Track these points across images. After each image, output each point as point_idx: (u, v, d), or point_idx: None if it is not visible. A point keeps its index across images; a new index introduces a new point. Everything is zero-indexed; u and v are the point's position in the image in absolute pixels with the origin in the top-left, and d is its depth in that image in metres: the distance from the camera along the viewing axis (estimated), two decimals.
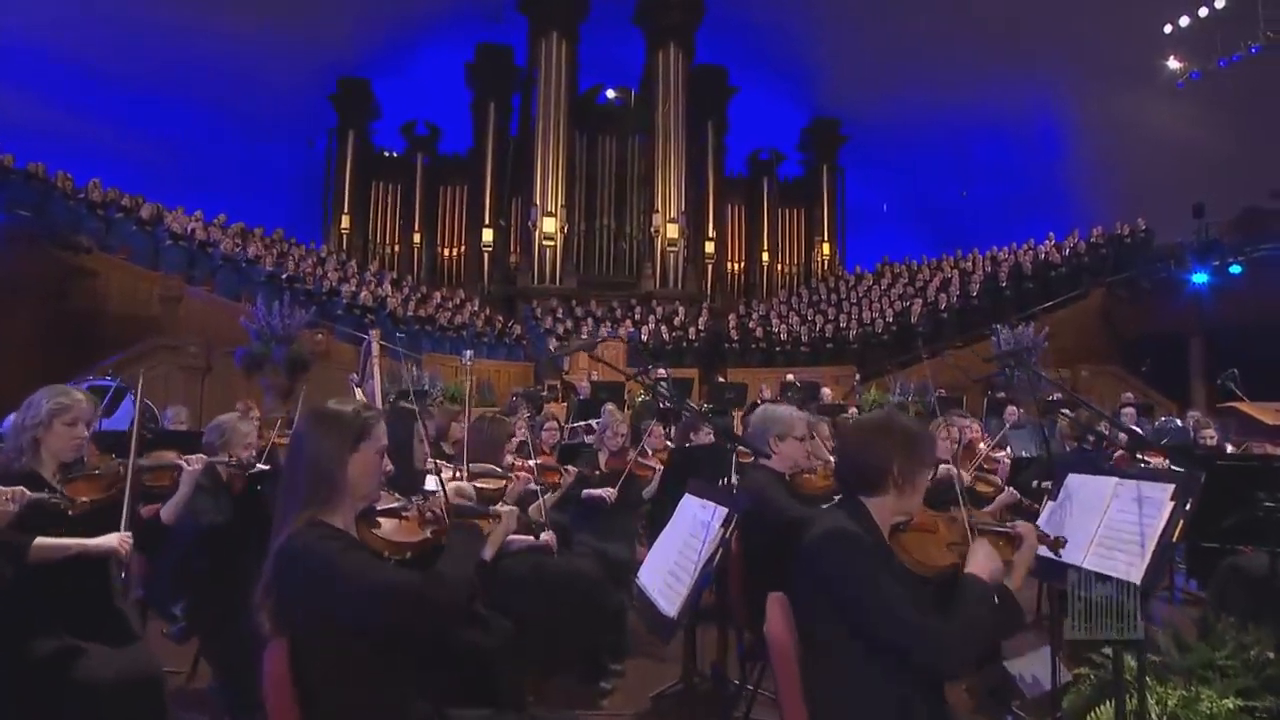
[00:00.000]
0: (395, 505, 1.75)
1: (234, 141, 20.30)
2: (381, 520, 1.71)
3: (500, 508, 1.89)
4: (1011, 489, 3.67)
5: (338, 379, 9.95)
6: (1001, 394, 11.44)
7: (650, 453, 4.43)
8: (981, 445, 5.38)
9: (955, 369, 12.88)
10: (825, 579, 1.58)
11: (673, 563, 2.06)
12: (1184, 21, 15.04)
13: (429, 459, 2.68)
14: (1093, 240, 15.44)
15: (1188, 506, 1.94)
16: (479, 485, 2.73)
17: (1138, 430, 5.42)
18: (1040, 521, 2.44)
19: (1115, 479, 2.21)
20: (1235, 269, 11.64)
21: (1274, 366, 11.60)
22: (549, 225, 18.09)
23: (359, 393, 8.24)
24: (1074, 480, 2.37)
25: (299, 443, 1.65)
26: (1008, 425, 8.47)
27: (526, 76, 19.91)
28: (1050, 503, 2.44)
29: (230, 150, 20.32)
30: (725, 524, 1.88)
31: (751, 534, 2.45)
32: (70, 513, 2.28)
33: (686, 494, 2.31)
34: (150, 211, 12.84)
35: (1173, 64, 15.67)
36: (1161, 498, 2.01)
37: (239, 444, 3.03)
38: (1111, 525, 2.12)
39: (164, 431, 4.94)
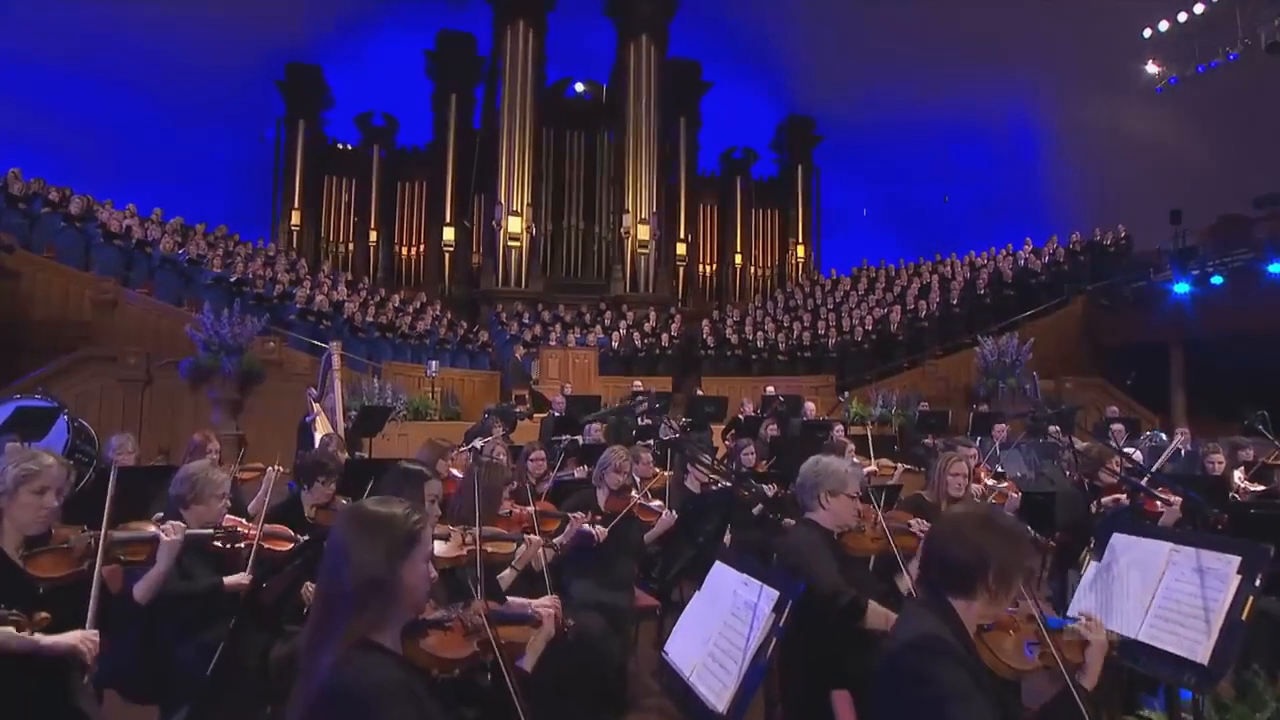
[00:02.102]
0: (439, 615, 1.64)
1: (169, 128, 19.64)
2: (429, 632, 1.61)
3: (541, 610, 1.79)
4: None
5: (292, 391, 9.66)
6: (985, 406, 11.67)
7: (648, 493, 4.28)
8: (983, 476, 5.42)
9: (939, 380, 13.12)
10: (915, 696, 1.51)
11: (712, 644, 1.97)
12: (1163, 26, 15.49)
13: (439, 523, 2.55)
14: (1073, 247, 15.79)
15: (1257, 582, 1.93)
16: (489, 550, 2.61)
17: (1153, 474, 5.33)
18: (1085, 583, 2.42)
19: (1169, 544, 2.19)
20: (1217, 279, 11.97)
21: (1252, 376, 12.05)
22: (514, 225, 17.88)
23: (316, 407, 8.05)
24: (1120, 541, 2.35)
25: (342, 549, 1.53)
26: (997, 444, 8.66)
27: (491, 67, 19.66)
28: (1094, 563, 2.42)
29: (165, 138, 19.65)
30: (778, 610, 1.80)
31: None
32: (40, 591, 2.11)
33: (719, 561, 2.22)
34: (80, 206, 12.20)
35: (1151, 69, 16.13)
36: (1225, 570, 1.99)
37: (212, 496, 2.84)
38: (1169, 595, 2.10)
39: (121, 473, 4.51)
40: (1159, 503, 3.68)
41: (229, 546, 2.78)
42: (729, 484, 3.98)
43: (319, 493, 3.52)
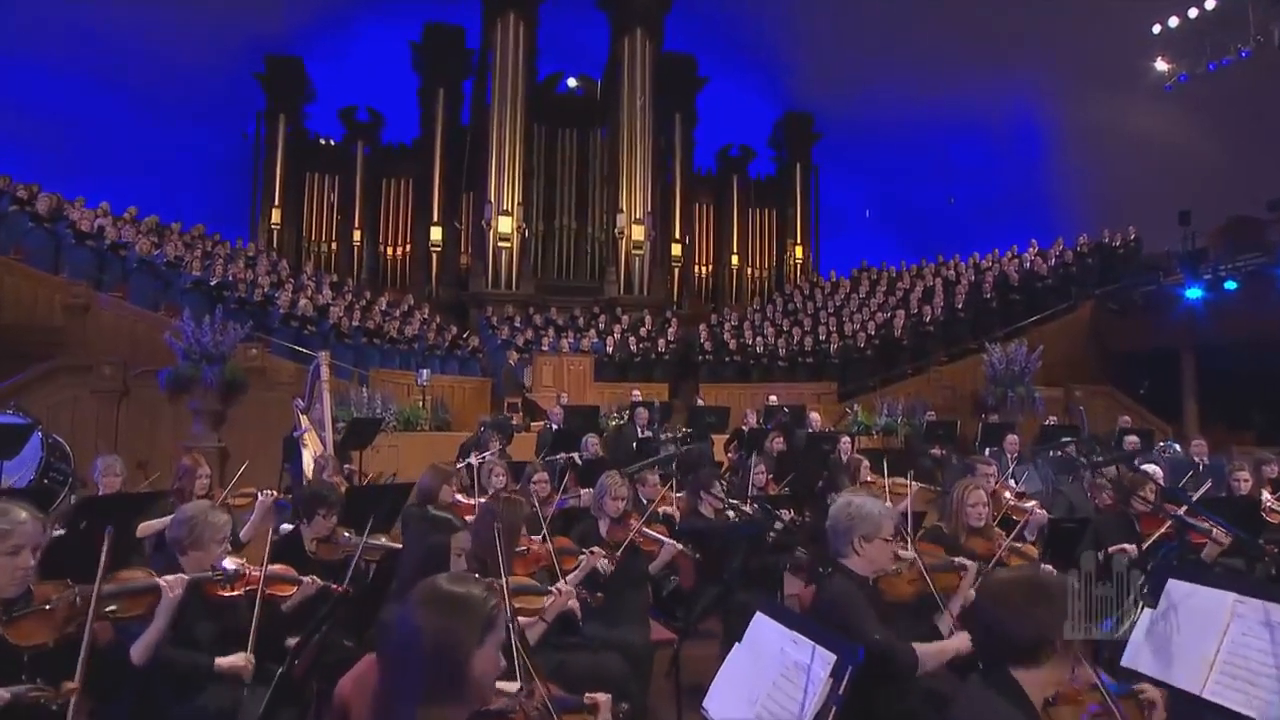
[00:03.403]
0: (502, 706, 1.58)
1: (142, 122, 19.42)
2: None
3: (598, 698, 1.73)
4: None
5: (276, 402, 9.54)
6: (994, 416, 11.67)
7: (650, 520, 4.19)
8: (1006, 494, 5.38)
9: (945, 388, 13.13)
10: None
11: (760, 707, 1.91)
12: (1173, 22, 15.52)
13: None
14: (1079, 249, 15.83)
15: None
16: (518, 605, 2.54)
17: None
18: (1140, 632, 2.38)
19: (1233, 595, 2.14)
20: (1231, 285, 12.02)
21: (1265, 384, 12.12)
22: (505, 225, 17.78)
23: (305, 420, 7.95)
24: (1177, 589, 2.30)
25: (417, 629, 1.47)
26: (1010, 458, 8.64)
27: (480, 61, 19.53)
28: (1149, 611, 2.37)
29: (137, 132, 19.42)
30: (835, 676, 1.74)
31: None
32: (25, 659, 2.00)
33: (761, 614, 2.17)
34: (49, 204, 11.99)
35: (1160, 66, 16.19)
36: None
37: (211, 541, 2.74)
38: (1236, 651, 2.05)
39: (96, 502, 4.29)
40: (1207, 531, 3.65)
41: (231, 593, 2.69)
42: (749, 513, 3.93)
43: (319, 526, 3.44)
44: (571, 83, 20.57)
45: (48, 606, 2.18)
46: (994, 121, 20.90)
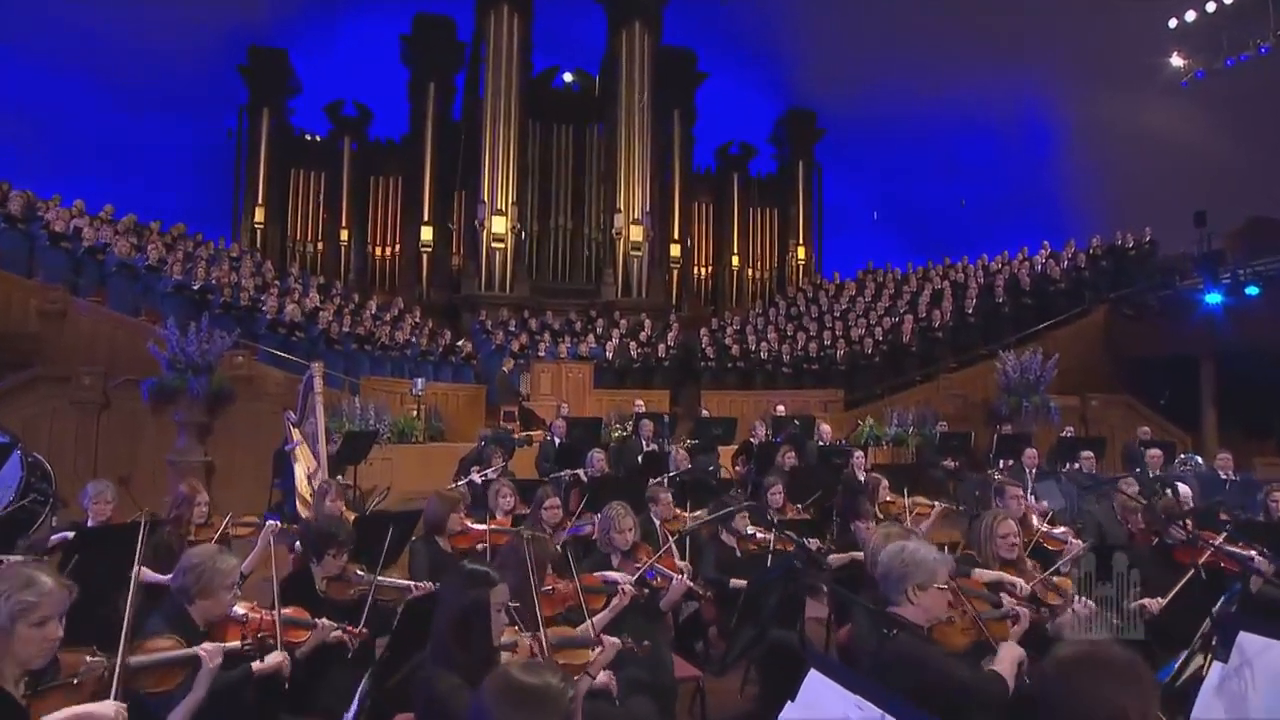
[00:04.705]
0: None
1: (117, 115, 19.25)
2: None
3: None
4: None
5: (265, 413, 9.45)
6: (1008, 427, 11.64)
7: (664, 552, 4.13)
8: (1035, 519, 5.32)
9: (955, 396, 13.09)
10: None
11: None
12: (1190, 17, 15.57)
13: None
14: (1093, 251, 15.82)
15: None
16: (562, 662, 2.48)
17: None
18: (1210, 688, 2.32)
19: None
20: (1253, 289, 12.02)
21: None
22: (498, 225, 17.69)
23: (296, 432, 7.85)
24: (1249, 643, 2.24)
25: None
26: (1029, 473, 8.62)
27: (472, 54, 19.46)
28: (1218, 664, 2.32)
29: (113, 126, 19.26)
30: None
31: None
32: None
33: (816, 671, 2.10)
34: (21, 203, 11.84)
35: (1176, 62, 16.25)
36: None
37: (220, 588, 2.67)
38: None
39: (91, 534, 4.11)
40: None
41: (257, 651, 2.62)
42: (780, 550, 3.89)
43: (330, 565, 3.37)
44: (567, 77, 20.51)
45: (75, 680, 2.14)
46: (1002, 118, 20.93)
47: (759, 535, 4.71)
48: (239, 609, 2.77)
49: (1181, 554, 4.06)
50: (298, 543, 4.12)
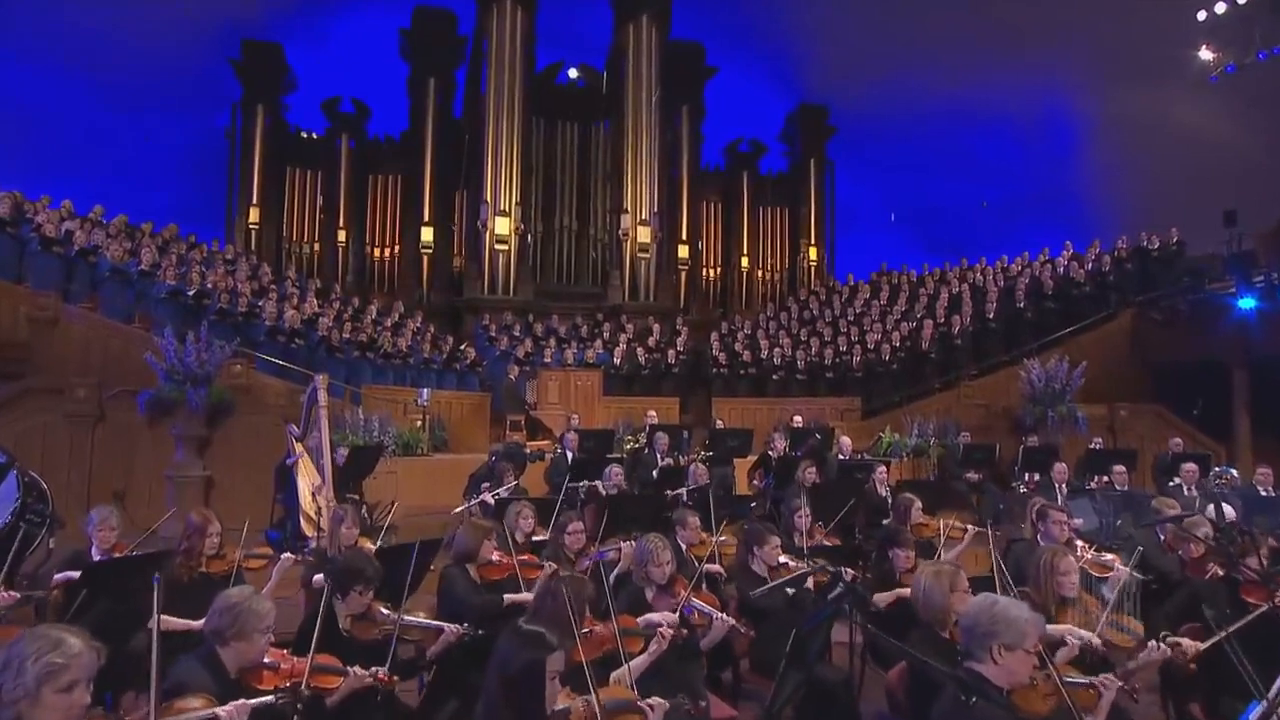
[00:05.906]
0: None
1: (107, 113, 19.26)
2: None
3: None
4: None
5: (265, 425, 9.39)
6: (1033, 438, 11.56)
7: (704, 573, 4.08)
8: (1079, 545, 5.23)
9: (977, 405, 13.00)
10: None
11: None
12: (1220, 9, 15.48)
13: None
14: (1117, 253, 15.71)
15: None
16: None
17: None
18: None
19: None
20: None
21: None
22: (502, 226, 17.63)
23: (299, 447, 7.79)
24: None
25: None
26: (1059, 489, 8.54)
27: (474, 49, 19.40)
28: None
29: (102, 124, 19.28)
30: None
31: None
32: None
33: None
34: (9, 205, 11.75)
35: (1205, 55, 16.16)
36: None
37: (255, 631, 2.64)
38: None
39: (97, 568, 4.03)
40: None
41: (290, 701, 2.56)
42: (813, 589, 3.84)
43: (355, 602, 3.30)
44: (572, 73, 20.46)
45: None
46: (1022, 115, 20.88)
47: (790, 564, 4.64)
48: (273, 656, 2.72)
49: (1248, 591, 3.97)
50: (316, 576, 4.06)
